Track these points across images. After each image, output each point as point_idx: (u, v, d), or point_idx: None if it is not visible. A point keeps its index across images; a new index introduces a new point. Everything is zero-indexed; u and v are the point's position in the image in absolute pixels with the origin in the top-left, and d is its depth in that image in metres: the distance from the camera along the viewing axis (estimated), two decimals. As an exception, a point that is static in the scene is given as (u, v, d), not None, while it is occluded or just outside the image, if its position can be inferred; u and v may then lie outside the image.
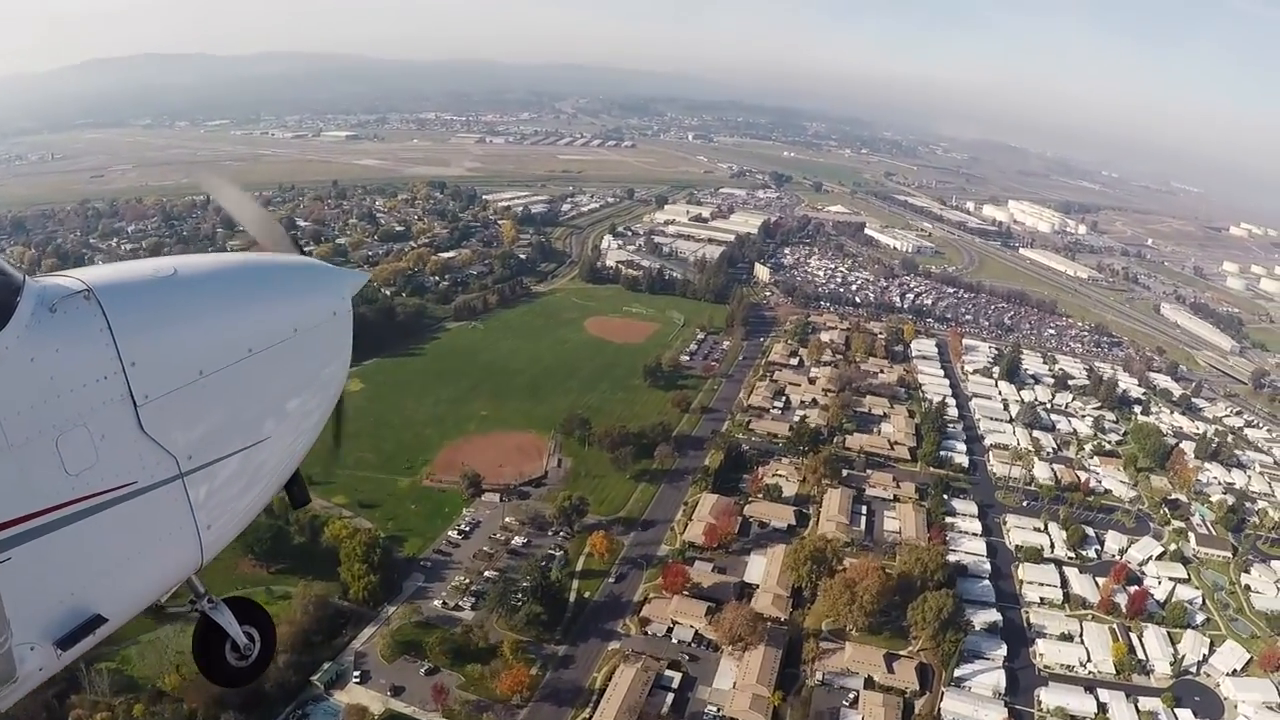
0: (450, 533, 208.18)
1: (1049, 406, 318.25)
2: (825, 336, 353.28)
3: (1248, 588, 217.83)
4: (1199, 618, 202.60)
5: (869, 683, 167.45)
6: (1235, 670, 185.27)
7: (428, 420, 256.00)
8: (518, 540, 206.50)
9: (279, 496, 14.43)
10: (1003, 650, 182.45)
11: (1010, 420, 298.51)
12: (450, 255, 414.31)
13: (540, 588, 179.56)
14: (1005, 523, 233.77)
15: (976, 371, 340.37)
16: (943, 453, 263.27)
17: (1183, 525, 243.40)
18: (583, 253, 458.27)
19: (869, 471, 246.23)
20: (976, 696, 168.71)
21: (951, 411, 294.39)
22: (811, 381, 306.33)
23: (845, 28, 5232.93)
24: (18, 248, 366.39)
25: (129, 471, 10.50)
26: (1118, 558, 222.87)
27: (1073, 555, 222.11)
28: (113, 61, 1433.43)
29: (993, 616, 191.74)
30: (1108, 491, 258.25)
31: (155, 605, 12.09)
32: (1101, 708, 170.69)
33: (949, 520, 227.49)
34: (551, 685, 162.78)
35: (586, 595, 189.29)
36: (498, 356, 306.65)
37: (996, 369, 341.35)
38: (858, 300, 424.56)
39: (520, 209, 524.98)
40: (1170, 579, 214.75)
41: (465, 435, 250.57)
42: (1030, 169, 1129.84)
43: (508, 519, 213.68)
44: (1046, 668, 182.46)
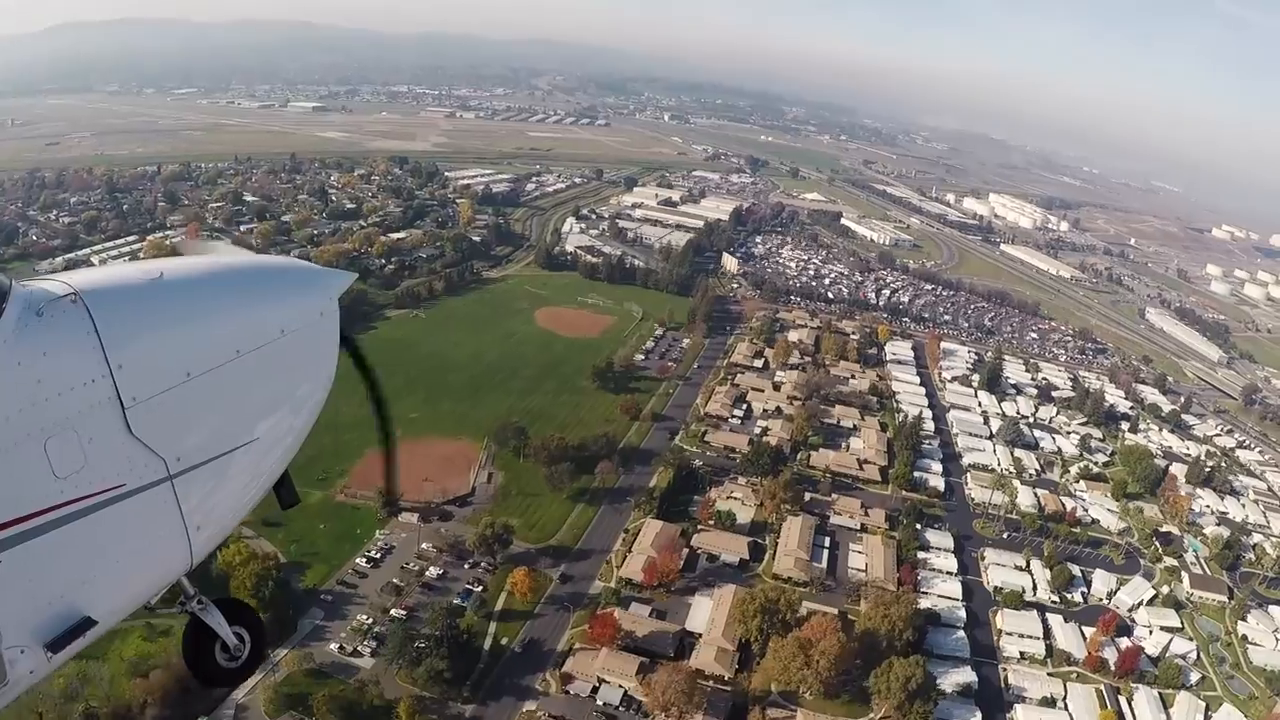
0: (359, 560, 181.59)
1: (1032, 420, 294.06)
2: (794, 336, 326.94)
3: (1245, 638, 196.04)
4: (1193, 675, 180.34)
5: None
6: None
7: (351, 423, 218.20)
8: (433, 571, 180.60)
9: (268, 497, 13.87)
10: (978, 718, 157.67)
11: (991, 436, 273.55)
12: (400, 236, 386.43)
13: (447, 637, 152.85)
14: (983, 558, 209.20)
15: (955, 379, 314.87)
16: (917, 474, 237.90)
17: (1175, 563, 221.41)
18: (542, 236, 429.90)
19: (834, 496, 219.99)
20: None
21: (927, 425, 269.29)
22: (776, 388, 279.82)
23: (828, 12, 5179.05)
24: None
25: (118, 474, 10.30)
26: (1106, 601, 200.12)
27: (1057, 599, 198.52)
28: (89, 25, 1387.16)
29: (967, 677, 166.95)
30: (1095, 522, 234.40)
31: (145, 606, 11.81)
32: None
33: (921, 556, 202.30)
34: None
35: (504, 642, 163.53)
36: (438, 350, 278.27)
37: (976, 377, 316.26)
38: (830, 295, 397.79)
39: (481, 188, 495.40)
40: (1162, 628, 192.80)
41: None
42: (1011, 162, 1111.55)
43: (424, 545, 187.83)
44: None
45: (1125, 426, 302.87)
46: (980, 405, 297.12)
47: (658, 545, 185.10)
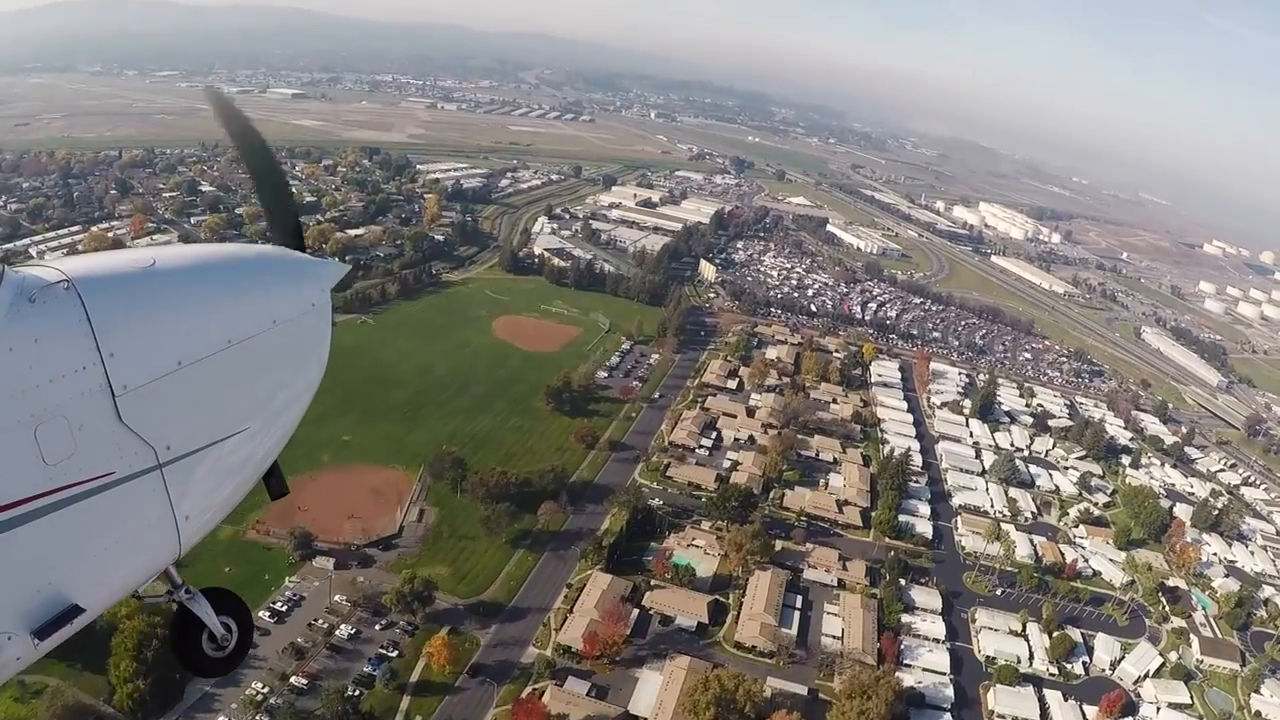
0: (263, 612, 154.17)
1: (1027, 453, 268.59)
2: (772, 353, 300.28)
3: (1259, 714, 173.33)
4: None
5: None
6: None
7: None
8: (344, 630, 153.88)
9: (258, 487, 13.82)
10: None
11: (983, 472, 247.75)
12: (358, 233, 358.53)
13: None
14: (974, 620, 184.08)
15: (945, 405, 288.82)
16: (902, 517, 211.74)
17: (1184, 624, 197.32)
18: (511, 236, 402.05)
19: (809, 545, 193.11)
20: None
21: (915, 458, 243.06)
22: (750, 413, 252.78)
23: (819, 12, 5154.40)
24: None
25: (107, 462, 10.21)
26: (1109, 672, 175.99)
27: (1056, 671, 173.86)
28: (81, 4, 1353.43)
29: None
30: (1097, 574, 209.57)
31: (134, 595, 11.75)
32: None
33: (905, 620, 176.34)
34: None
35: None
36: (383, 361, 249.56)
37: (968, 403, 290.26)
38: (813, 308, 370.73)
39: (451, 183, 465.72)
40: (1171, 705, 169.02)
41: (316, 468, 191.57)
42: (1000, 170, 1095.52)
43: (337, 597, 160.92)
44: None
45: (1126, 461, 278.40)
46: (972, 436, 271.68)
47: (603, 606, 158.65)
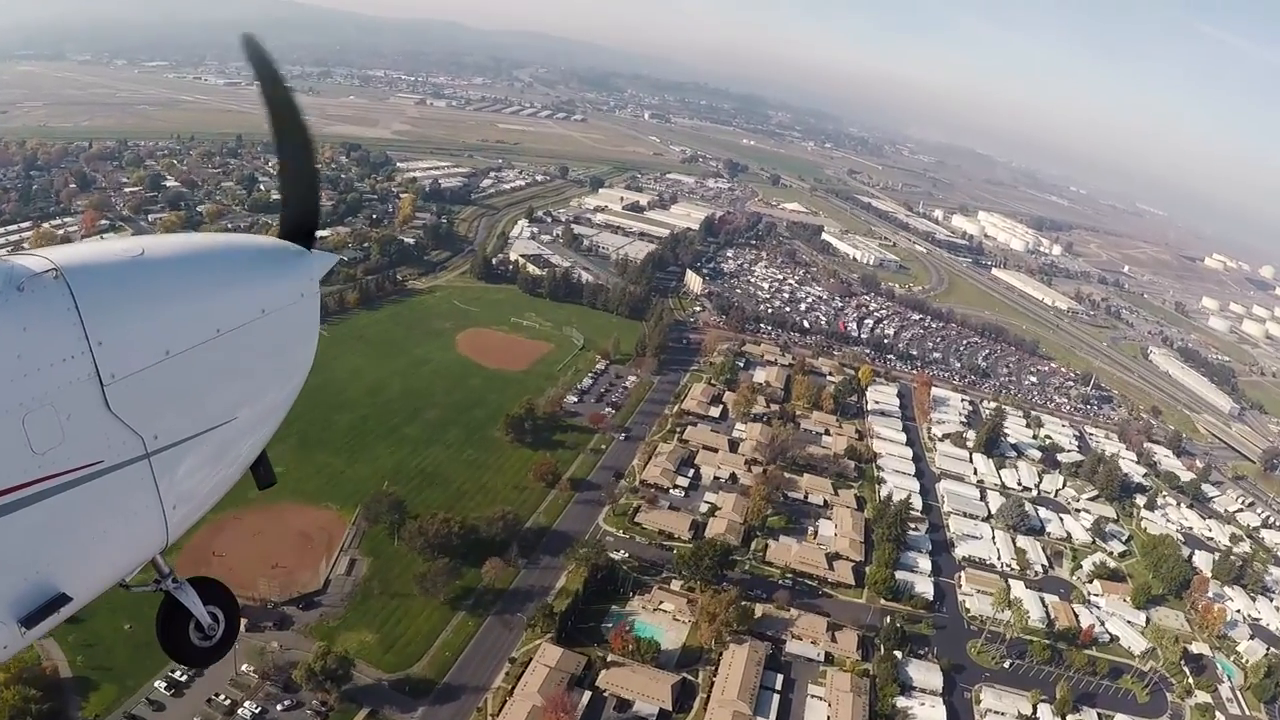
0: (160, 682, 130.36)
1: (1035, 493, 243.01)
2: (760, 376, 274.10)
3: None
4: None
5: None
6: None
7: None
8: (248, 709, 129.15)
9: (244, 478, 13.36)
10: None
11: (989, 517, 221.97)
12: (323, 234, 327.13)
13: None
14: (979, 701, 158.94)
15: (947, 437, 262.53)
16: (900, 573, 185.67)
17: (1208, 698, 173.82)
18: (487, 240, 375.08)
19: (793, 612, 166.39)
20: None
21: (915, 500, 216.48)
22: (734, 446, 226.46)
23: (816, 19, 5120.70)
24: None
25: (95, 451, 10.07)
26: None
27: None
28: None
29: None
30: (1114, 640, 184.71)
31: (121, 584, 11.46)
32: None
33: (901, 703, 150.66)
34: None
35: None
36: (331, 379, 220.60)
37: (971, 434, 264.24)
38: (806, 324, 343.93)
39: (429, 182, 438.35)
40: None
41: (239, 506, 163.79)
42: (998, 178, 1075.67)
43: (244, 667, 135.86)
44: None
45: (1141, 502, 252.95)
46: (976, 473, 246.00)
47: (549, 690, 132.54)
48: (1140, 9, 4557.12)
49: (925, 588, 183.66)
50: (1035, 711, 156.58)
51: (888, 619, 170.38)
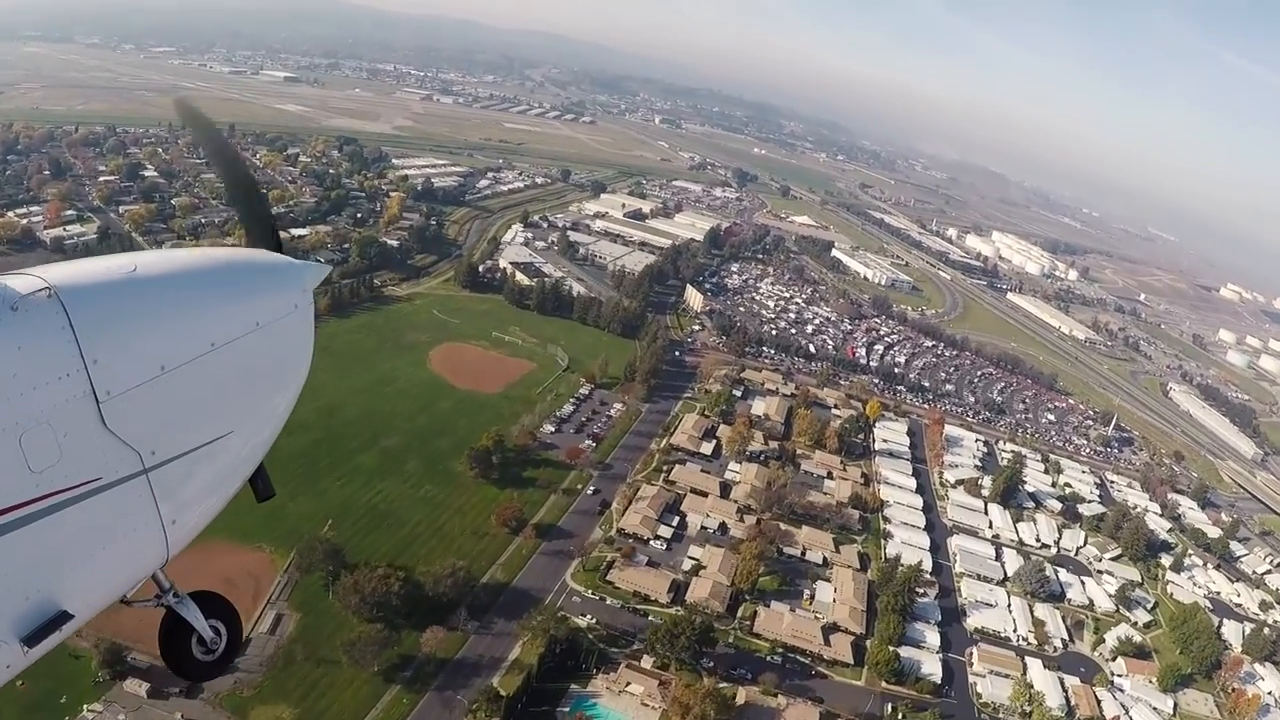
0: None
1: (1055, 550, 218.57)
2: (759, 408, 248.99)
3: None
4: None
5: None
6: None
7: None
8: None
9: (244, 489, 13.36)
10: None
11: (1005, 580, 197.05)
12: (302, 233, 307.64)
13: None
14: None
15: (960, 484, 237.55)
16: (905, 650, 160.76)
17: None
18: (477, 245, 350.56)
19: (782, 700, 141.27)
20: None
21: (924, 557, 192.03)
22: (725, 491, 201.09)
23: (828, 25, 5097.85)
24: None
25: (93, 468, 10.04)
26: None
27: None
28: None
29: None
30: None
31: (122, 600, 11.39)
32: None
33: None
34: None
35: None
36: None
37: (987, 481, 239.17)
38: (813, 348, 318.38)
39: (421, 180, 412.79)
40: None
41: None
42: (1011, 198, 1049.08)
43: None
44: None
45: (1167, 563, 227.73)
46: (991, 526, 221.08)
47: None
48: (1157, 33, 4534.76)
49: (933, 668, 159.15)
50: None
51: (889, 707, 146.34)
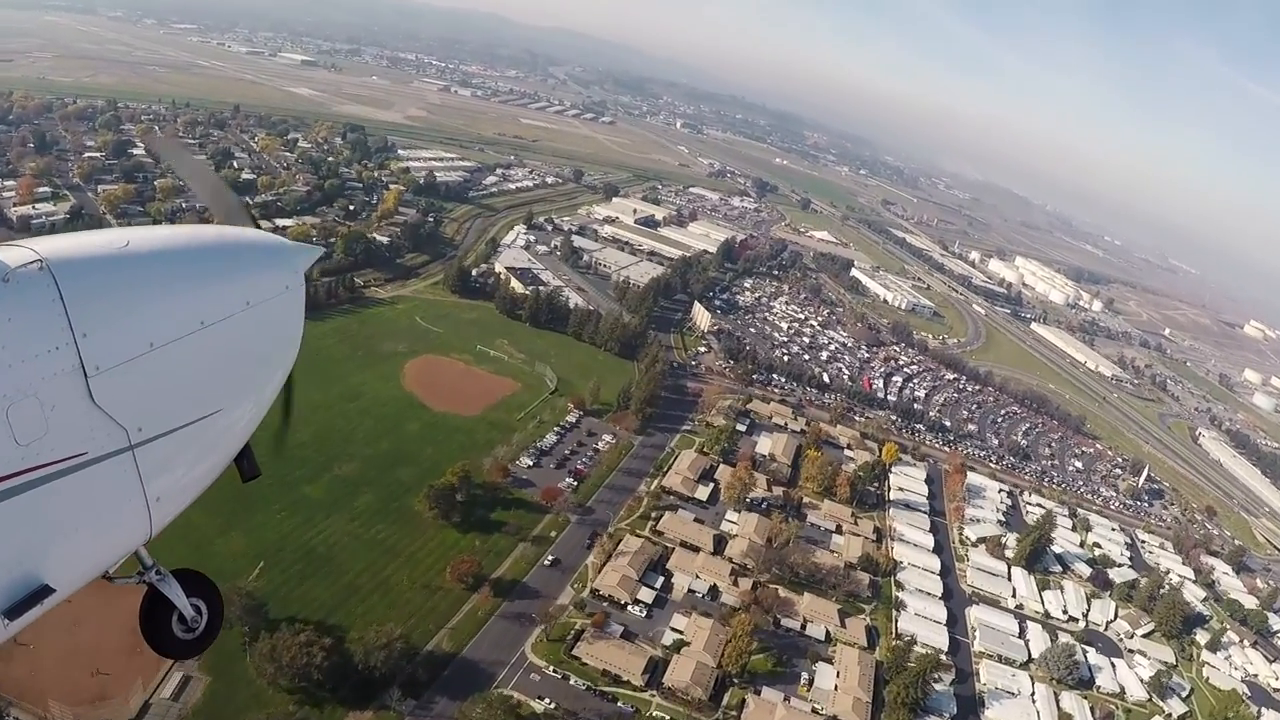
0: None
1: (1084, 623, 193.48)
2: (765, 445, 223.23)
3: None
4: None
5: None
6: None
7: None
8: None
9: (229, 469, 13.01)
10: None
11: (1028, 661, 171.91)
12: (287, 224, 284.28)
13: None
14: None
15: (982, 542, 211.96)
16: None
17: None
18: (475, 245, 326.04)
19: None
20: None
21: (939, 640, 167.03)
22: (719, 546, 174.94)
23: (849, 36, 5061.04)
24: None
25: (79, 442, 9.97)
26: None
27: None
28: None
29: None
30: None
31: (104, 576, 11.37)
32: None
33: None
34: None
35: None
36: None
37: (1010, 539, 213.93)
38: (826, 377, 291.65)
39: (424, 173, 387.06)
40: None
41: None
42: (1033, 221, 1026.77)
43: None
44: None
45: (1203, 640, 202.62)
46: (1015, 595, 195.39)
47: None
48: (1180, 61, 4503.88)
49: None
50: None
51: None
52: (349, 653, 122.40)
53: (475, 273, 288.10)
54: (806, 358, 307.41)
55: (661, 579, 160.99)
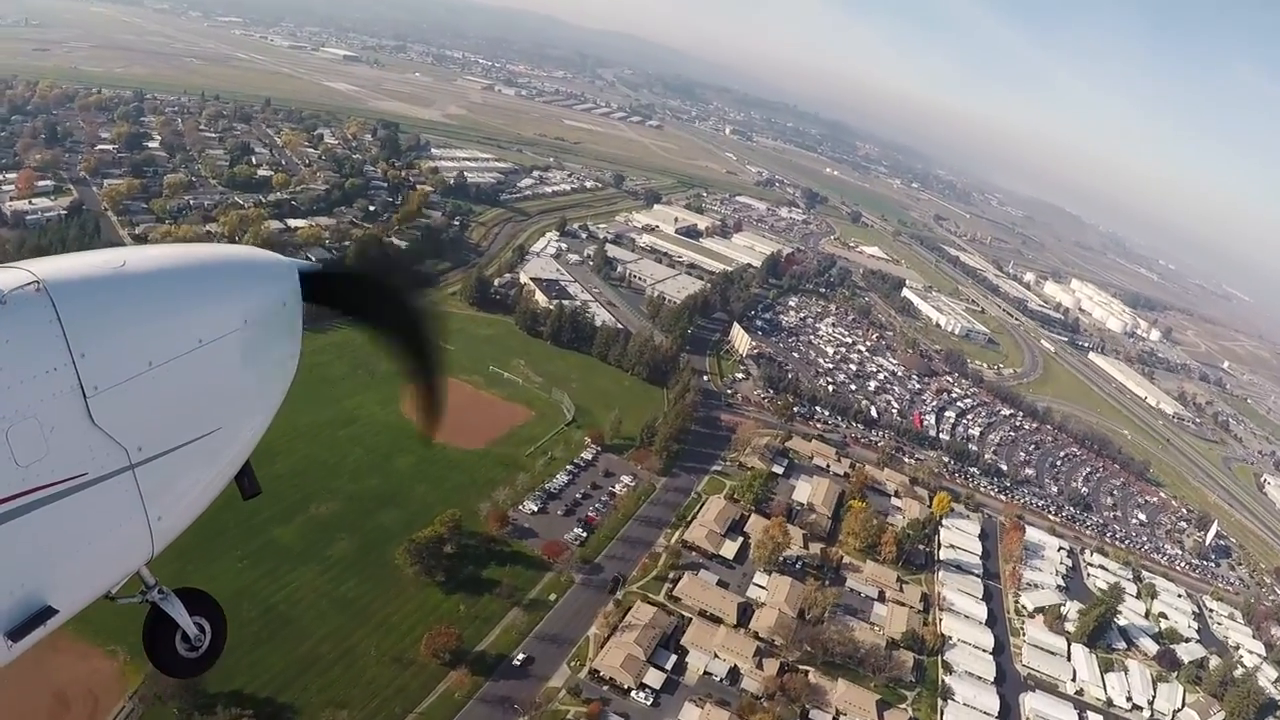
0: None
1: (1149, 712, 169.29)
2: (804, 493, 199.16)
3: None
4: None
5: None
6: None
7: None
8: None
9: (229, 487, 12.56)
10: None
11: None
12: (299, 224, 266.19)
13: None
14: None
15: (1040, 612, 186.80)
16: None
17: None
18: (501, 253, 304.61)
19: None
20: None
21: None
22: (745, 615, 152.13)
23: (894, 48, 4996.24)
24: None
25: (79, 463, 9.66)
26: None
27: None
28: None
29: None
30: None
31: (106, 596, 10.88)
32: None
33: None
34: None
35: None
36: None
37: (1071, 609, 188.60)
38: (874, 411, 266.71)
39: (454, 174, 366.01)
40: None
41: None
42: (1088, 242, 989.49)
43: None
44: None
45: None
46: (1075, 678, 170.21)
47: None
48: (1235, 84, 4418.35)
49: None
50: None
51: None
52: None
53: (497, 283, 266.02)
54: (853, 388, 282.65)
55: (674, 658, 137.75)
